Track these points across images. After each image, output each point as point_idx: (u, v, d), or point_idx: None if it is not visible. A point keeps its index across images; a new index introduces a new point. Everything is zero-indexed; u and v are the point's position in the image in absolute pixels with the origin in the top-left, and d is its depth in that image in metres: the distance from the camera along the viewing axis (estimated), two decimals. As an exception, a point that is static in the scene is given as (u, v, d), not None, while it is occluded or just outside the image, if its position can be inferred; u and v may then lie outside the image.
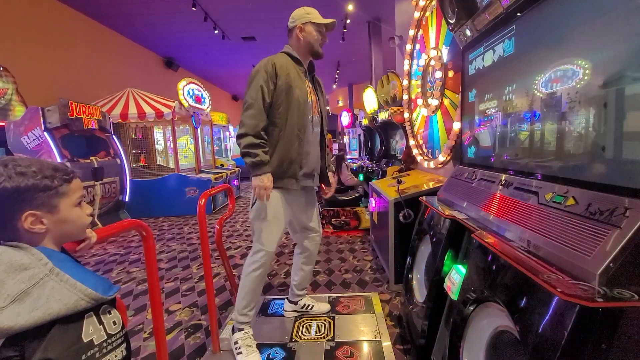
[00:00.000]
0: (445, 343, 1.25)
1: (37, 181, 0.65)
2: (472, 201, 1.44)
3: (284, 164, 1.67)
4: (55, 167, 0.70)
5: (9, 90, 4.05)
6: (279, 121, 1.65)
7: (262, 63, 1.63)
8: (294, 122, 1.66)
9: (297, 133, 1.67)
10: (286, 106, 1.64)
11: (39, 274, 0.60)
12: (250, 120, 1.58)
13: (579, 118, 0.99)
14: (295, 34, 1.71)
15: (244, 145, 1.58)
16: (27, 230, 0.65)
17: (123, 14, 5.97)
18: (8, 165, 0.64)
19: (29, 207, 0.65)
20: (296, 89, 1.65)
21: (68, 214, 0.70)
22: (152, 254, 1.17)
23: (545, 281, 0.75)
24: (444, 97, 2.40)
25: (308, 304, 2.10)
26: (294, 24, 1.70)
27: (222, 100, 13.36)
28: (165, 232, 4.44)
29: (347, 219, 3.94)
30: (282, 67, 1.63)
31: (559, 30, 1.06)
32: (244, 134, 1.59)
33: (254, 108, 1.59)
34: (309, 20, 1.69)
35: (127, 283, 2.75)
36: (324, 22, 1.71)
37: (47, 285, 0.60)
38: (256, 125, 1.59)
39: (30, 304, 0.57)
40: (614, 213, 0.77)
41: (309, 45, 1.71)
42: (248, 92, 1.61)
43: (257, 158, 1.57)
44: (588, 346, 0.67)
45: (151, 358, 1.76)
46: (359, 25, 7.03)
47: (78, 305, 0.62)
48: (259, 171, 1.58)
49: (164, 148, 6.72)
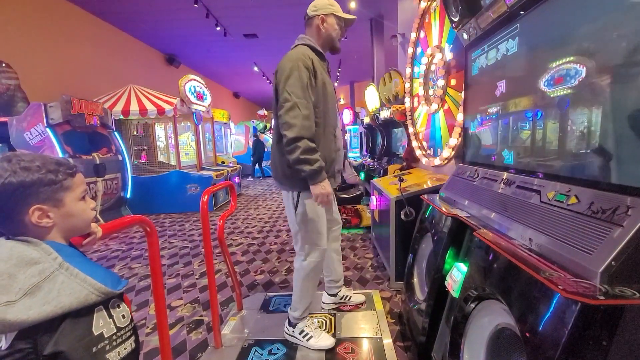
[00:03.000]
0: (446, 340, 1.25)
1: (42, 175, 0.66)
2: (473, 199, 1.44)
3: (327, 163, 1.60)
4: (58, 161, 0.71)
5: (12, 86, 4.05)
6: (320, 120, 1.57)
7: (299, 57, 1.51)
8: (330, 120, 1.62)
9: (333, 131, 1.65)
10: (325, 104, 1.59)
11: (49, 268, 0.61)
12: (303, 121, 1.44)
13: (581, 117, 0.99)
14: (317, 24, 1.62)
15: (302, 151, 1.42)
16: (35, 225, 0.66)
17: (125, 11, 5.96)
18: (12, 160, 0.64)
19: (35, 201, 0.65)
20: (328, 85, 1.61)
21: (73, 207, 0.71)
22: (156, 250, 1.18)
23: (547, 279, 0.75)
24: (446, 95, 2.40)
25: (346, 295, 2.15)
26: (316, 12, 1.61)
27: (223, 97, 13.36)
28: (166, 229, 4.46)
29: (349, 217, 3.95)
30: (317, 63, 1.56)
31: (563, 29, 1.06)
32: (299, 137, 1.42)
33: (305, 107, 1.45)
34: (332, 12, 1.61)
35: (130, 279, 2.77)
36: (346, 17, 1.66)
37: (58, 280, 0.61)
38: (310, 127, 1.46)
39: (41, 298, 0.58)
40: (616, 212, 0.77)
41: (330, 38, 1.64)
42: (289, 90, 1.45)
43: (317, 165, 1.45)
44: (589, 343, 0.67)
45: (154, 353, 1.78)
46: (361, 23, 7.00)
47: (88, 299, 0.63)
48: (320, 178, 1.47)
49: (166, 145, 6.72)
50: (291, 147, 1.44)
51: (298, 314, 1.75)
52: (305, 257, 1.70)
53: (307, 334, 1.73)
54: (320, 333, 1.75)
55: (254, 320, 2.02)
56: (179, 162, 5.71)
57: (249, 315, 2.08)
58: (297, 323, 1.76)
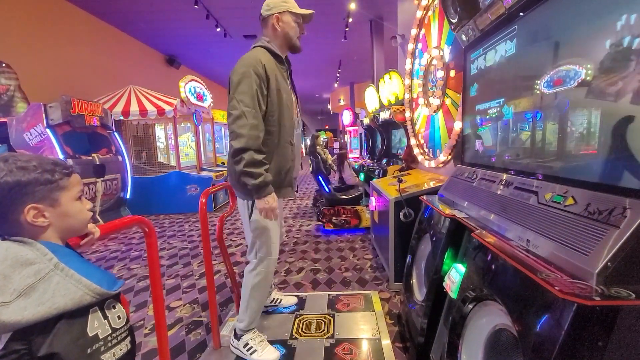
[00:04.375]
0: (444, 341, 1.26)
1: (38, 175, 0.66)
2: (472, 200, 1.44)
3: (282, 173, 1.57)
4: (55, 161, 0.71)
5: (11, 86, 4.06)
6: (274, 129, 1.52)
7: (249, 62, 1.44)
8: (285, 129, 1.55)
9: (289, 139, 1.58)
10: (279, 112, 1.52)
11: (45, 269, 0.61)
12: (250, 131, 1.39)
13: (579, 118, 0.99)
14: (272, 23, 1.55)
15: (246, 163, 1.38)
16: (30, 224, 0.66)
17: (125, 12, 5.97)
18: (9, 160, 0.65)
19: (31, 201, 0.66)
20: (283, 92, 1.53)
21: (69, 207, 0.72)
22: (155, 250, 1.18)
23: (544, 280, 0.75)
24: (446, 97, 2.41)
25: (277, 298, 2.17)
26: (270, 12, 1.54)
27: (223, 97, 13.32)
28: (166, 230, 4.46)
29: (348, 218, 3.95)
30: (270, 69, 1.48)
31: (561, 30, 1.07)
32: (244, 148, 1.38)
33: (252, 117, 1.40)
34: (287, 10, 1.54)
35: (128, 280, 2.77)
36: (302, 13, 1.58)
37: (53, 280, 0.61)
38: (257, 137, 1.41)
39: (36, 299, 0.58)
40: (612, 213, 0.78)
41: (287, 37, 1.57)
42: (238, 98, 1.41)
43: (261, 179, 1.39)
44: (585, 344, 0.68)
45: (152, 353, 1.78)
46: (361, 24, 7.02)
47: (83, 300, 0.63)
48: (264, 192, 1.42)
49: (165, 145, 6.74)
50: (237, 159, 1.41)
51: (244, 325, 1.67)
52: (256, 267, 1.64)
53: (250, 347, 1.66)
54: (265, 347, 1.67)
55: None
56: (179, 163, 5.71)
57: (247, 316, 2.08)
58: (242, 335, 1.68)
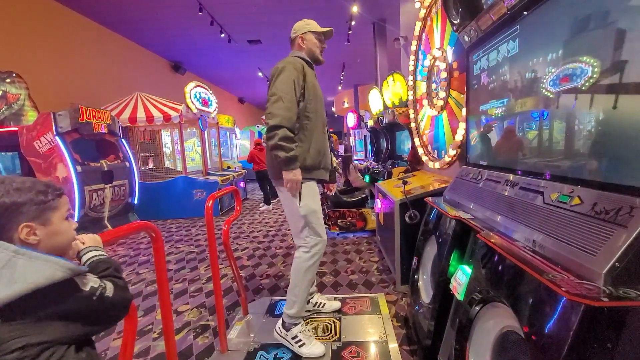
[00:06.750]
0: (451, 343, 1.25)
1: (33, 195, 0.72)
2: (478, 201, 1.43)
3: (320, 155, 1.75)
4: (46, 183, 0.77)
5: (22, 95, 4.15)
6: (312, 115, 1.72)
7: (289, 60, 1.69)
8: (320, 117, 1.76)
9: (322, 128, 1.78)
10: (315, 102, 1.73)
11: (4, 257, 0.64)
12: (285, 112, 1.58)
13: (585, 117, 0.98)
14: (297, 43, 1.83)
15: (280, 138, 1.56)
16: (22, 241, 0.70)
17: (131, 20, 6.07)
18: (5, 182, 0.71)
19: (25, 219, 0.70)
20: (318, 89, 1.77)
21: (59, 226, 0.76)
22: (162, 255, 1.20)
23: (551, 281, 0.75)
24: (450, 98, 2.40)
25: (320, 302, 2.13)
26: (295, 34, 1.83)
27: (228, 103, 13.47)
28: (173, 234, 4.50)
29: (354, 220, 3.94)
30: (306, 67, 1.72)
31: (563, 30, 1.06)
32: (278, 125, 1.57)
33: (287, 100, 1.60)
34: (309, 30, 1.81)
35: (137, 284, 2.80)
36: (322, 31, 1.85)
37: (18, 264, 0.64)
38: (290, 118, 1.60)
39: (4, 283, 0.61)
40: (619, 212, 0.77)
41: (311, 51, 1.83)
42: (276, 86, 1.61)
43: (292, 153, 1.58)
44: (593, 346, 0.67)
45: (160, 358, 1.79)
46: (364, 27, 7.03)
47: (55, 275, 0.65)
48: (293, 165, 1.59)
49: (172, 151, 6.81)
50: (271, 134, 1.58)
51: (294, 311, 1.74)
52: (310, 249, 1.74)
53: (299, 340, 1.71)
54: (313, 341, 1.73)
55: (260, 325, 2.02)
56: (185, 168, 5.77)
57: (254, 320, 2.09)
58: (291, 327, 1.75)
